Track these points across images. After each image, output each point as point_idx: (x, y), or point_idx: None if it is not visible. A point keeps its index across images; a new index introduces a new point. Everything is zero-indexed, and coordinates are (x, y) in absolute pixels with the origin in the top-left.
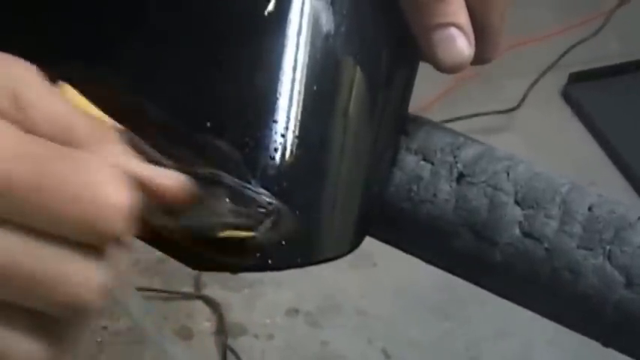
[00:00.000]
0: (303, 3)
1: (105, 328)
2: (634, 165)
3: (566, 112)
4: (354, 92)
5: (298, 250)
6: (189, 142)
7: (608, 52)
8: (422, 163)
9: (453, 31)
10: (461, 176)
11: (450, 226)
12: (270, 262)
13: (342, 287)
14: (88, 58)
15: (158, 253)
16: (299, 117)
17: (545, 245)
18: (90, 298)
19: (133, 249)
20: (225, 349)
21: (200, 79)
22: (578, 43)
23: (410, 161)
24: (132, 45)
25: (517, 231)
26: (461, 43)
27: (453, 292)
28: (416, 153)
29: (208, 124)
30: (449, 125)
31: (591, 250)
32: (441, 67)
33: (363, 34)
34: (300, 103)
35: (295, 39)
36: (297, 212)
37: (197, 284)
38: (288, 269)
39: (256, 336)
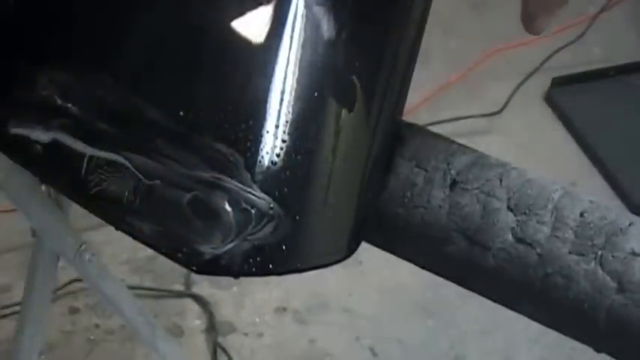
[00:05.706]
0: (303, 11)
1: (97, 326)
2: (613, 166)
3: (549, 115)
4: (351, 101)
5: (298, 255)
6: (190, 145)
7: (590, 57)
8: (416, 169)
9: None
10: (454, 183)
11: (443, 231)
12: (271, 266)
13: (329, 286)
14: (89, 60)
15: (149, 252)
16: (301, 123)
17: (538, 250)
18: None
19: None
20: (215, 347)
21: (203, 83)
22: (561, 48)
23: (404, 168)
24: (132, 47)
25: (510, 236)
26: None
27: (438, 290)
28: (410, 160)
29: (210, 128)
30: (433, 128)
31: (583, 255)
32: None
33: (361, 43)
34: (301, 111)
35: (296, 47)
36: (297, 217)
37: (187, 282)
38: (288, 274)
39: (246, 334)
